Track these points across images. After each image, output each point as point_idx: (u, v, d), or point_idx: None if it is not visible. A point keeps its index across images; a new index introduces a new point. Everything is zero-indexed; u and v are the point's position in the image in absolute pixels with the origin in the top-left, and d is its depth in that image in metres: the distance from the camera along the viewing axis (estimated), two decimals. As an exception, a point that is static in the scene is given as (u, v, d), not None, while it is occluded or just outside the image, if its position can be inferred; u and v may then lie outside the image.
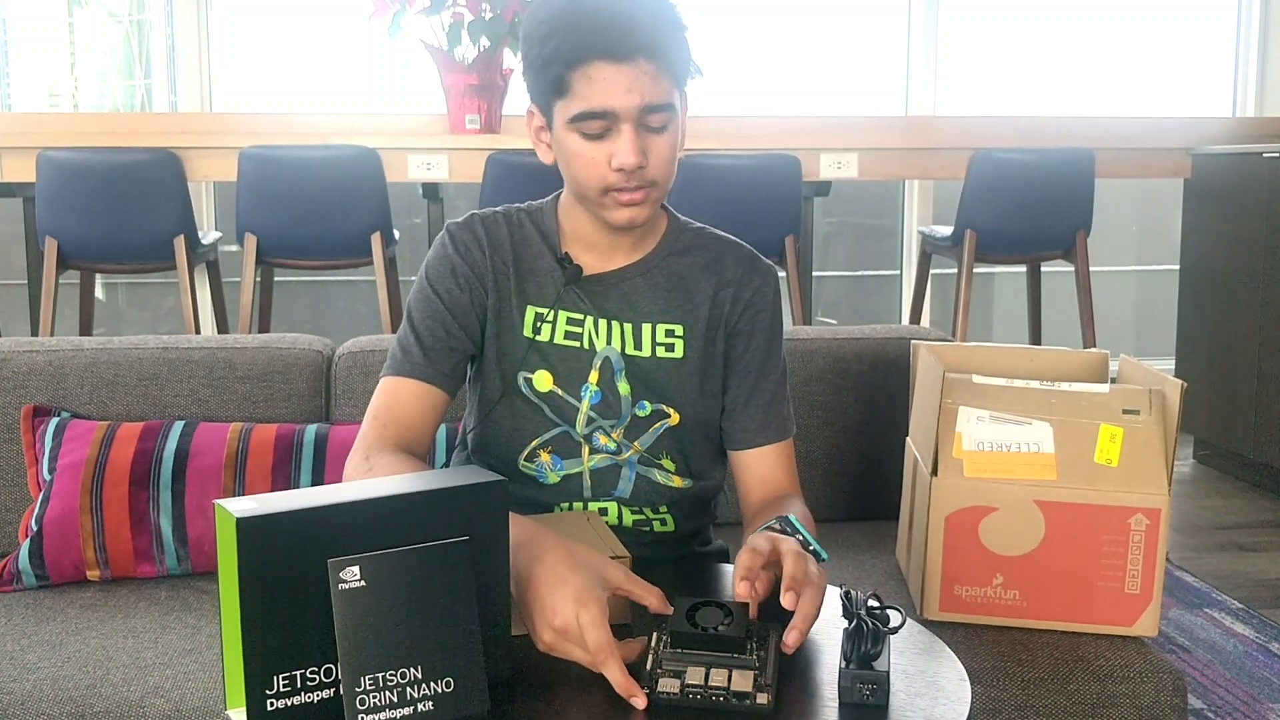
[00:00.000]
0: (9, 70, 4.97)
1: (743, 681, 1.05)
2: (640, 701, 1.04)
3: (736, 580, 1.18)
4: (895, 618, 1.13)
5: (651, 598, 1.16)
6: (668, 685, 1.05)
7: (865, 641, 1.07)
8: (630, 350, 1.49)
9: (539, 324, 1.49)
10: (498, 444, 1.51)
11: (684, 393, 1.51)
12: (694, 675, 1.05)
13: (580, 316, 1.49)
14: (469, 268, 1.49)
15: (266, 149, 3.65)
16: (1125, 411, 1.54)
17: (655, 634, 1.10)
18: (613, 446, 1.49)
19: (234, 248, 3.81)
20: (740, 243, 1.58)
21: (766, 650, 1.09)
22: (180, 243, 3.65)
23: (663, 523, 1.53)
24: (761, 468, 1.54)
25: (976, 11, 5.20)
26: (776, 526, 1.31)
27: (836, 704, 1.06)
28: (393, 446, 1.39)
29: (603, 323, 1.49)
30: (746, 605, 1.12)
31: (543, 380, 1.49)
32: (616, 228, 1.44)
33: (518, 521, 1.15)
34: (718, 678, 1.05)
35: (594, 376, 1.49)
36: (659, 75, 1.36)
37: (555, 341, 1.49)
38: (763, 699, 1.04)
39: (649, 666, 1.07)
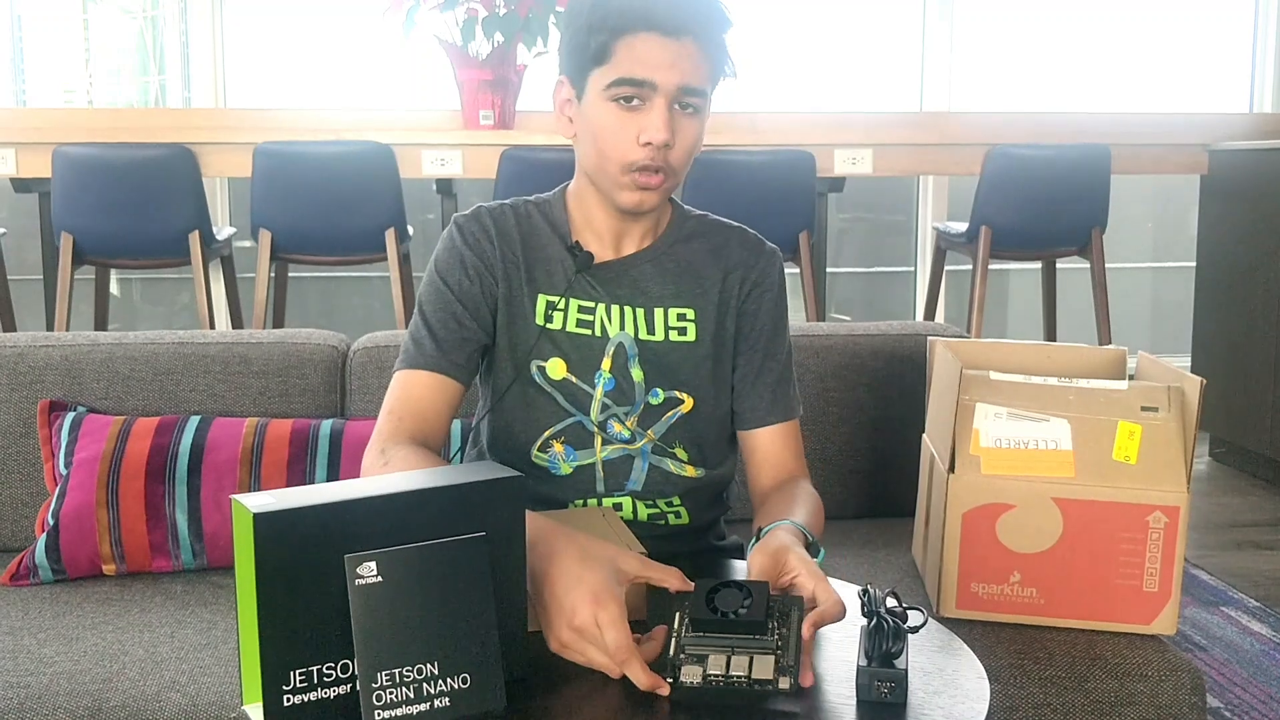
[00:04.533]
0: (25, 66, 4.99)
1: (763, 668, 1.04)
2: (665, 690, 1.04)
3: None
4: (916, 617, 1.12)
5: (671, 578, 1.15)
6: (690, 674, 1.05)
7: (886, 640, 1.07)
8: (643, 335, 1.50)
9: (551, 312, 1.49)
10: (510, 435, 1.51)
11: (698, 377, 1.52)
12: (715, 664, 1.05)
13: (591, 304, 1.50)
14: (478, 259, 1.49)
15: (281, 145, 3.66)
16: (1144, 409, 1.53)
17: (677, 615, 1.10)
18: (626, 435, 1.49)
19: (248, 243, 3.82)
20: (744, 227, 1.59)
21: (789, 628, 1.08)
22: (195, 238, 3.66)
23: (677, 515, 1.53)
24: (771, 449, 1.55)
25: (991, 6, 5.18)
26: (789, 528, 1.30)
27: (855, 702, 1.06)
28: (408, 439, 1.39)
29: (615, 308, 1.50)
30: (765, 585, 1.11)
31: (556, 368, 1.49)
32: (623, 210, 1.45)
33: (531, 518, 1.14)
34: (739, 665, 1.05)
35: (607, 363, 1.49)
36: (701, 61, 1.38)
37: (568, 329, 1.49)
38: (784, 683, 1.04)
39: (671, 653, 1.07)
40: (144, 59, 5.12)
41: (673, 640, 1.08)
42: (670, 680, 1.05)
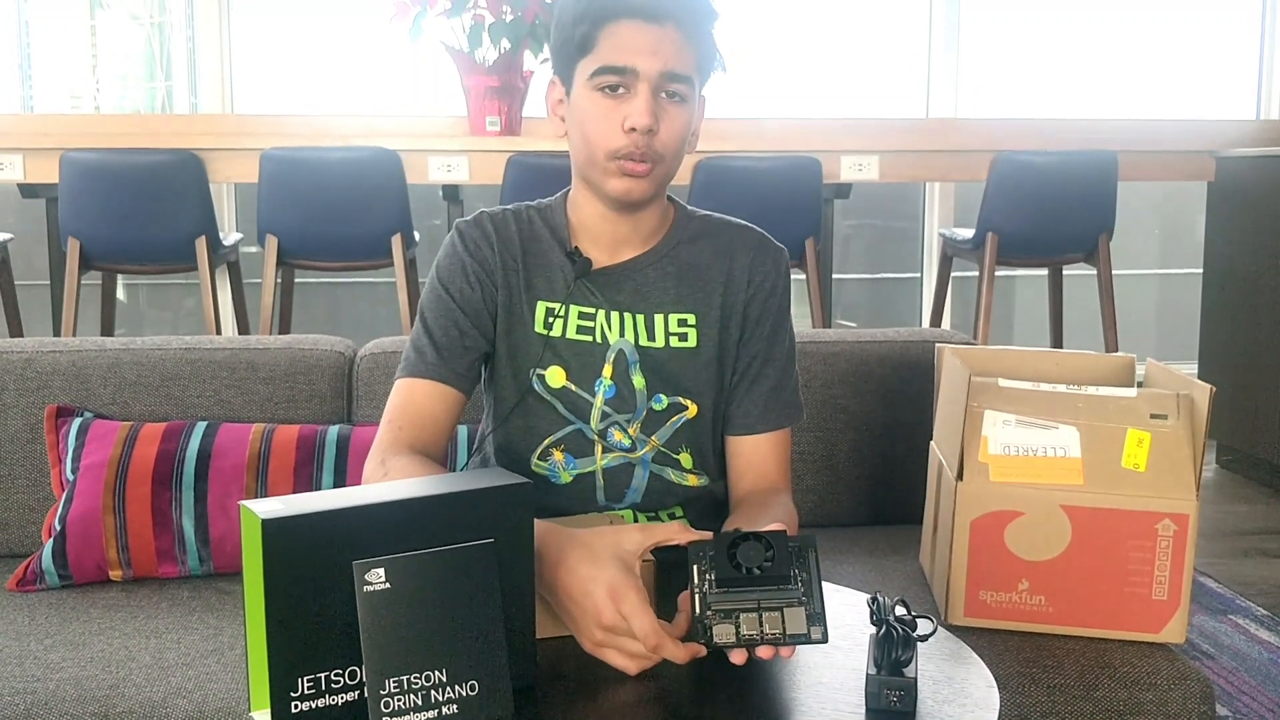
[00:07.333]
0: (32, 72, 5.00)
1: (795, 622, 1.06)
2: (703, 653, 1.07)
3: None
4: (925, 625, 1.12)
5: (676, 534, 1.15)
6: (723, 634, 1.06)
7: (895, 648, 1.07)
8: (644, 342, 1.49)
9: (550, 319, 1.48)
10: (511, 444, 1.51)
11: (701, 383, 1.50)
12: (748, 623, 1.06)
13: (592, 310, 1.49)
14: (479, 265, 1.49)
15: (287, 150, 3.66)
16: (1153, 416, 1.53)
17: (695, 570, 1.09)
18: (627, 443, 1.48)
19: (255, 249, 3.82)
20: (750, 226, 1.57)
21: (808, 571, 1.09)
22: (201, 244, 3.66)
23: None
24: (756, 456, 1.53)
25: (998, 13, 5.18)
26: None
27: (864, 710, 1.05)
28: (408, 449, 1.39)
29: (615, 315, 1.49)
30: (784, 533, 1.10)
31: (555, 376, 1.48)
32: (614, 201, 1.44)
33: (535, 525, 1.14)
34: (771, 622, 1.06)
35: (608, 370, 1.48)
36: (684, 46, 1.39)
37: (568, 336, 1.48)
38: (817, 634, 1.05)
39: (698, 612, 1.07)
40: (151, 65, 5.13)
41: (697, 598, 1.08)
42: (703, 641, 1.06)
